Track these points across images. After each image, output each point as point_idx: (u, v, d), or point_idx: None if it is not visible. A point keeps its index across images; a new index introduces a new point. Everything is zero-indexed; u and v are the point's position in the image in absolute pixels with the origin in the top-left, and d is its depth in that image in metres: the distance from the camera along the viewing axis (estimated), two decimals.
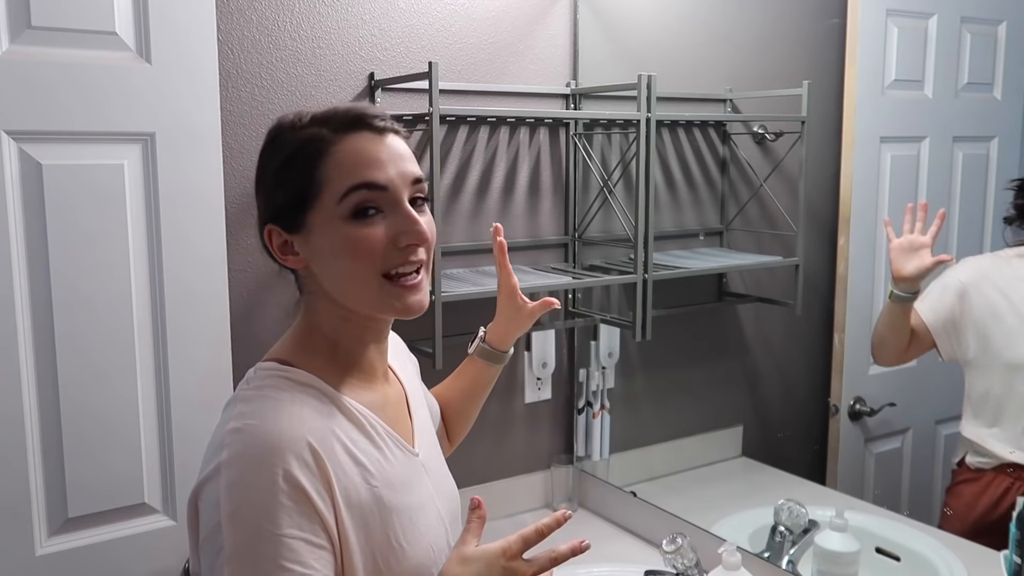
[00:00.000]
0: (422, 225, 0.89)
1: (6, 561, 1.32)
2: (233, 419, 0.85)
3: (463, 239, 1.81)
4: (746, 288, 1.95)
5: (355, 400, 0.92)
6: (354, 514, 0.86)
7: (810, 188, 1.68)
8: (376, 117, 0.91)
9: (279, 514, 0.80)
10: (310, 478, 0.82)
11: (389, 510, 0.89)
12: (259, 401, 0.87)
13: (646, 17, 1.94)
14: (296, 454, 0.82)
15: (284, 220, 0.91)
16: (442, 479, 1.04)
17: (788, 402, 1.92)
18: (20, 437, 1.32)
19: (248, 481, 0.81)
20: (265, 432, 0.83)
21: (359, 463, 0.88)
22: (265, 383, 0.89)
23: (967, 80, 1.54)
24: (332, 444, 0.86)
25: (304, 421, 0.85)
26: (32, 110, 1.28)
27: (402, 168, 0.90)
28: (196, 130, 1.41)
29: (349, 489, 0.86)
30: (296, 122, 0.92)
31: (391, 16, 1.68)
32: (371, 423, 0.92)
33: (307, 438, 0.84)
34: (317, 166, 0.88)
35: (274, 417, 0.84)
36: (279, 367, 0.91)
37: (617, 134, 1.91)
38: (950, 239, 1.57)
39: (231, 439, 0.83)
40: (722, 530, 1.63)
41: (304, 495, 0.81)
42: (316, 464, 0.83)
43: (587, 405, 1.95)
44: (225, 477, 0.81)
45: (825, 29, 1.68)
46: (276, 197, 0.91)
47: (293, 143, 0.91)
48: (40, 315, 1.32)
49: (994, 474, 1.41)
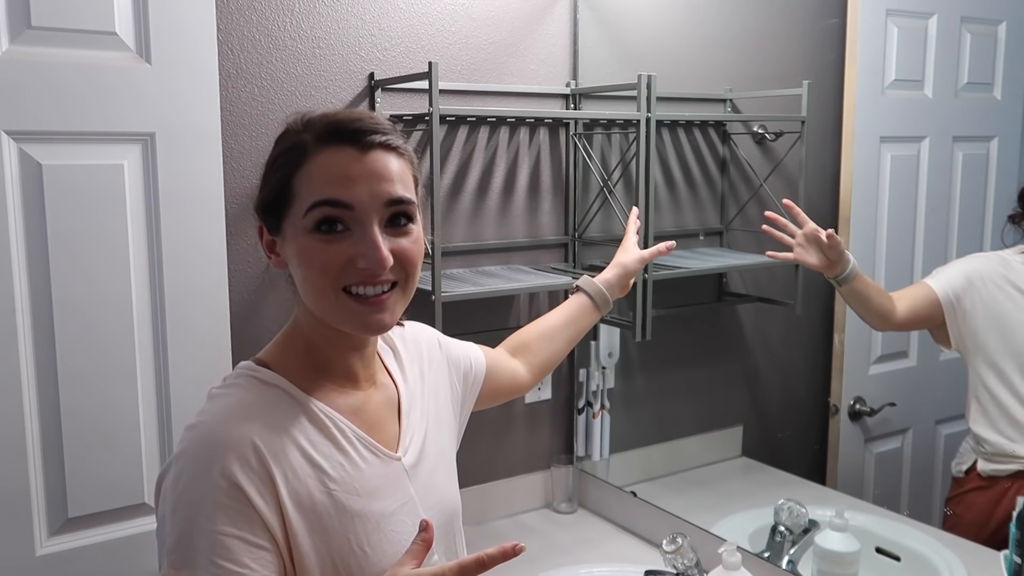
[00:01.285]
0: (382, 251, 0.87)
1: (6, 561, 1.32)
2: (195, 416, 0.88)
3: (463, 239, 1.81)
4: (746, 288, 1.95)
5: (324, 404, 0.92)
6: (306, 516, 0.86)
7: (810, 188, 1.68)
8: (366, 132, 0.88)
9: (215, 511, 0.81)
10: (250, 478, 0.82)
11: (351, 515, 0.89)
12: (221, 399, 0.89)
13: (646, 17, 1.94)
14: (238, 453, 0.83)
15: (267, 220, 0.93)
16: (433, 484, 1.01)
17: (788, 402, 1.92)
18: (20, 437, 1.32)
19: (189, 476, 0.82)
20: (212, 430, 0.85)
21: (316, 465, 0.88)
22: (235, 382, 0.91)
23: (967, 80, 1.54)
24: (284, 446, 0.86)
25: (254, 421, 0.86)
26: (32, 110, 1.28)
27: (376, 188, 0.87)
28: (196, 130, 1.41)
29: (299, 491, 0.86)
30: (297, 123, 0.92)
31: (391, 16, 1.68)
32: (338, 427, 0.92)
33: (252, 438, 0.84)
34: (292, 175, 0.88)
35: (225, 416, 0.86)
36: (253, 367, 0.93)
37: (617, 134, 1.91)
38: (950, 239, 1.57)
39: (185, 435, 0.86)
40: (722, 530, 1.63)
41: (242, 494, 0.82)
42: (259, 464, 0.84)
43: (587, 405, 1.95)
44: (173, 471, 0.84)
45: (825, 29, 1.68)
46: (263, 195, 0.93)
47: (282, 145, 0.91)
48: (40, 315, 1.32)
49: (1010, 481, 1.37)
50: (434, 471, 1.03)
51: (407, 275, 0.91)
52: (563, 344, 1.35)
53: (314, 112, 0.92)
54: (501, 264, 1.86)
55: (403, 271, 0.91)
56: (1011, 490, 1.37)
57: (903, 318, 1.49)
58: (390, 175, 0.89)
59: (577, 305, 1.37)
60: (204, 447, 0.83)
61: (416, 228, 0.92)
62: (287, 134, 0.92)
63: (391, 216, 0.89)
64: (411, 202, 0.90)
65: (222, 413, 0.87)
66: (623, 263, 1.42)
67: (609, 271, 1.41)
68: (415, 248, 0.91)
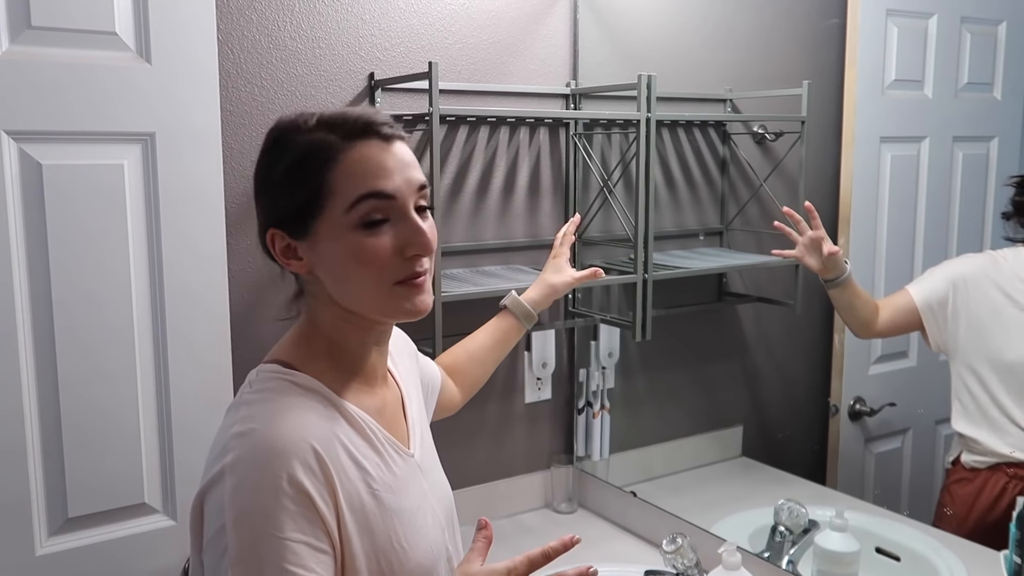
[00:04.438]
0: (427, 235, 0.90)
1: (6, 561, 1.32)
2: (238, 423, 0.85)
3: (463, 239, 1.81)
4: (746, 288, 1.95)
5: (356, 405, 0.93)
6: (357, 518, 0.86)
7: (810, 188, 1.68)
8: (384, 124, 0.90)
9: (283, 518, 0.80)
10: (314, 482, 0.82)
11: (390, 513, 0.90)
12: (263, 404, 0.87)
13: (646, 17, 1.94)
14: (300, 458, 0.82)
15: (289, 225, 0.90)
16: (436, 478, 1.04)
17: (788, 402, 1.92)
18: (20, 437, 1.32)
19: (252, 485, 0.81)
20: (269, 436, 0.83)
21: (361, 467, 0.89)
22: (268, 386, 0.89)
23: (967, 80, 1.54)
24: (336, 449, 0.86)
25: (308, 425, 0.85)
26: (32, 110, 1.28)
27: (408, 176, 0.90)
28: (196, 130, 1.41)
29: (352, 493, 0.86)
30: (301, 125, 0.90)
31: (391, 16, 1.68)
32: (371, 428, 0.93)
33: (311, 442, 0.84)
34: (326, 173, 0.87)
35: (279, 421, 0.84)
36: (282, 370, 0.91)
37: (617, 134, 1.91)
38: (950, 239, 1.57)
39: (235, 443, 0.83)
40: (722, 530, 1.63)
41: (308, 499, 0.81)
42: (320, 468, 0.83)
43: (587, 405, 1.95)
44: (230, 481, 0.81)
45: (825, 29, 1.68)
46: (281, 201, 0.90)
47: (300, 147, 0.89)
48: (40, 315, 1.32)
49: (990, 472, 1.41)
50: (434, 465, 1.05)
51: (431, 263, 0.94)
52: (491, 365, 1.42)
53: (315, 112, 0.91)
54: (501, 264, 1.86)
55: (430, 260, 0.93)
56: (991, 480, 1.40)
57: (882, 327, 1.57)
58: (414, 162, 0.92)
59: (504, 327, 1.41)
60: (265, 454, 0.82)
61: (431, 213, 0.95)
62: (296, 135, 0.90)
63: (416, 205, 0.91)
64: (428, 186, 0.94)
65: (275, 418, 0.85)
66: (554, 284, 1.45)
67: (536, 290, 1.45)
68: (435, 234, 0.94)
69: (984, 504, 1.40)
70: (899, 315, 1.52)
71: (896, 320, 1.53)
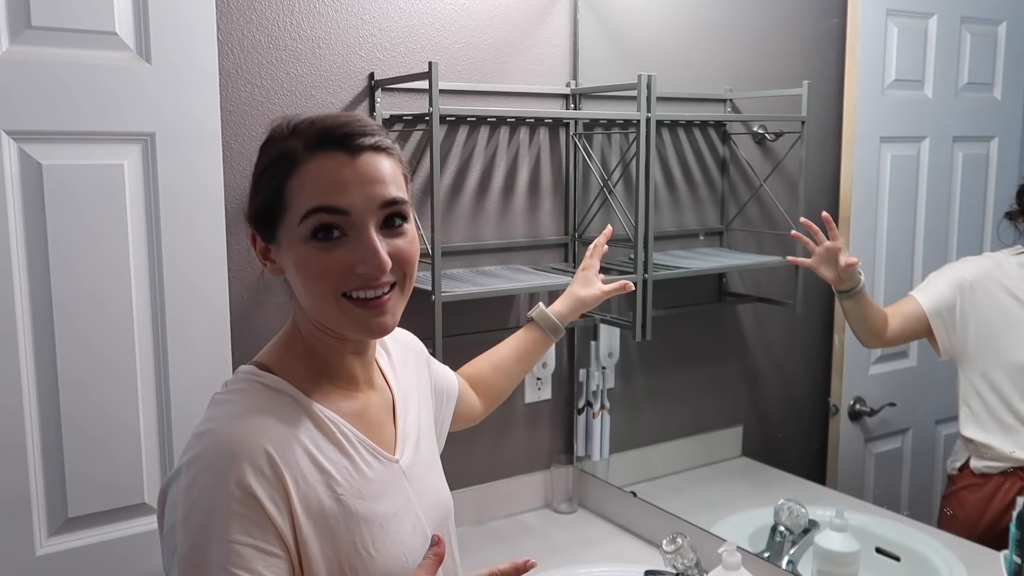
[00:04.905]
0: (381, 256, 0.86)
1: (6, 561, 1.32)
2: (203, 422, 0.87)
3: (463, 239, 1.81)
4: (746, 288, 1.95)
5: (328, 408, 0.92)
6: (315, 522, 0.86)
7: (810, 188, 1.68)
8: (354, 135, 0.88)
9: (230, 520, 0.80)
10: (264, 486, 0.82)
11: (356, 518, 0.89)
12: (227, 405, 0.89)
13: (646, 17, 1.94)
14: (252, 462, 0.82)
15: (260, 228, 0.92)
16: (428, 485, 1.02)
17: (788, 402, 1.92)
18: (20, 437, 1.32)
19: (203, 485, 0.81)
20: (224, 438, 0.84)
21: (324, 471, 0.88)
22: (239, 387, 0.91)
23: (967, 80, 1.54)
24: (294, 452, 0.86)
25: (265, 429, 0.85)
26: (32, 110, 1.28)
27: (370, 192, 0.87)
28: (196, 130, 1.41)
29: (309, 497, 0.86)
30: (282, 129, 0.91)
31: (391, 16, 1.68)
32: (342, 431, 0.92)
33: (265, 446, 0.84)
34: (284, 183, 0.88)
35: (236, 423, 0.86)
36: (255, 371, 0.92)
37: (617, 134, 1.91)
38: (950, 239, 1.57)
39: (194, 442, 0.85)
40: (722, 530, 1.63)
41: (257, 503, 0.81)
42: (272, 473, 0.83)
43: (587, 405, 1.95)
44: (183, 479, 0.83)
45: (825, 29, 1.68)
46: (254, 203, 0.92)
47: (270, 153, 0.90)
48: (40, 315, 1.32)
49: (1003, 478, 1.39)
50: (428, 472, 1.04)
51: (405, 275, 0.91)
52: (516, 378, 1.39)
53: (300, 117, 0.91)
54: (501, 264, 1.86)
55: (401, 271, 0.90)
56: (1003, 487, 1.39)
57: (892, 336, 1.55)
58: (382, 177, 0.88)
59: (531, 339, 1.37)
60: (217, 455, 0.83)
61: (410, 227, 0.92)
62: (273, 141, 0.91)
63: (386, 217, 0.89)
64: (405, 202, 0.90)
65: (232, 420, 0.86)
66: (582, 298, 1.39)
67: (563, 303, 1.39)
68: (411, 248, 0.91)
69: (996, 509, 1.39)
70: (908, 323, 1.51)
71: (905, 328, 1.52)
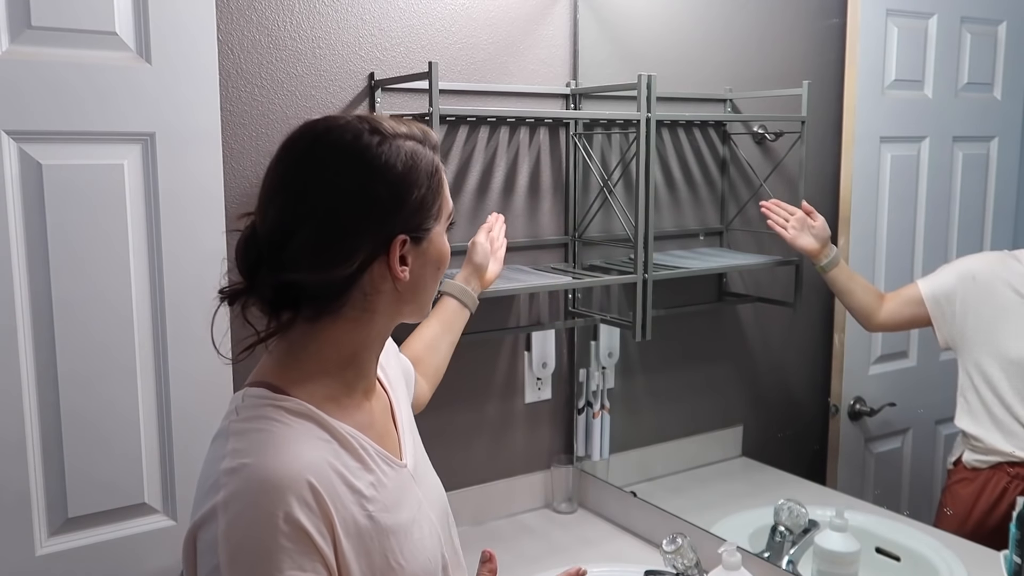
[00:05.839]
0: None
1: (6, 561, 1.32)
2: (228, 456, 0.81)
3: (463, 239, 1.81)
4: (746, 288, 1.95)
5: (347, 423, 0.90)
6: (353, 543, 0.84)
7: (810, 188, 1.68)
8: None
9: (280, 556, 0.78)
10: (311, 518, 0.80)
11: (386, 532, 0.88)
12: (253, 435, 0.83)
13: (646, 17, 1.94)
14: (297, 495, 0.79)
15: (416, 230, 0.91)
16: (430, 483, 1.02)
17: (788, 402, 1.92)
18: (20, 437, 1.32)
19: (247, 523, 0.78)
20: (263, 472, 0.79)
21: (356, 491, 0.86)
22: (257, 414, 0.85)
23: (967, 80, 1.54)
24: (330, 478, 0.84)
25: (303, 458, 0.82)
26: (32, 110, 1.28)
27: None
28: (196, 130, 1.41)
29: (347, 520, 0.84)
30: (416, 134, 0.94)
31: (391, 16, 1.68)
32: (362, 445, 0.90)
33: (307, 477, 0.81)
34: (442, 181, 0.95)
35: (271, 455, 0.81)
36: (270, 395, 0.87)
37: (617, 134, 1.91)
38: (950, 239, 1.57)
39: (227, 479, 0.80)
40: (722, 530, 1.63)
41: (305, 535, 0.79)
42: (317, 503, 0.81)
43: (587, 405, 1.95)
44: (223, 520, 0.78)
45: (825, 29, 1.68)
46: (435, 207, 0.93)
47: (428, 162, 0.92)
48: (40, 315, 1.32)
49: (991, 472, 1.41)
50: (426, 468, 1.04)
51: None
52: (446, 351, 1.46)
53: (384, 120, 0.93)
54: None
55: None
56: (992, 480, 1.40)
57: (886, 318, 1.57)
58: None
59: (449, 310, 1.47)
60: (259, 492, 0.79)
61: None
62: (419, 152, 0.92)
63: None
64: None
65: (268, 453, 0.81)
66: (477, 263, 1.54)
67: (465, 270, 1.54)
68: None
69: (985, 504, 1.40)
70: (905, 306, 1.52)
71: (903, 312, 1.53)
